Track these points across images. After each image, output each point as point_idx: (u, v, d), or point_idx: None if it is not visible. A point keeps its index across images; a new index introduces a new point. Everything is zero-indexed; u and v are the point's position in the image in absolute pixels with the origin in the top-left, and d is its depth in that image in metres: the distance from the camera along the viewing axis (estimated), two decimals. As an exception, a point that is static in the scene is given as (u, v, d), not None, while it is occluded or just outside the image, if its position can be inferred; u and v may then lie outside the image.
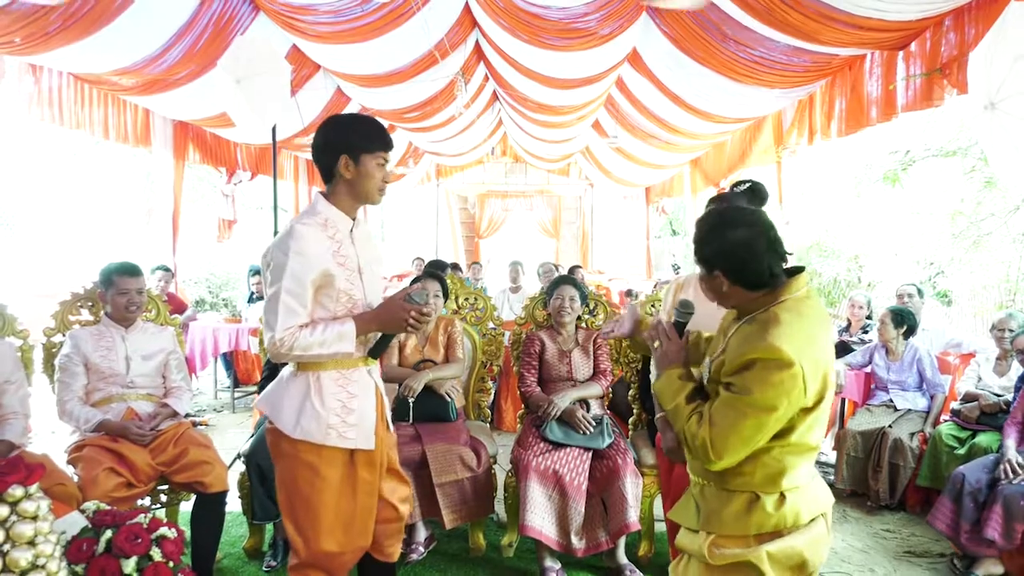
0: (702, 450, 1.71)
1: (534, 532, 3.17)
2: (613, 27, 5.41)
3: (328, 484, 2.15)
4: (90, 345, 3.20)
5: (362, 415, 2.20)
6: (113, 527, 1.65)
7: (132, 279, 3.27)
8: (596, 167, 12.00)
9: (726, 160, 8.42)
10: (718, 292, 1.82)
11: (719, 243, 1.76)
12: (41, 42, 4.33)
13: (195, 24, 5.03)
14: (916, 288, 5.29)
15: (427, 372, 3.60)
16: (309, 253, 2.07)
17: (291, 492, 2.18)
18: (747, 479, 1.76)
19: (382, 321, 2.20)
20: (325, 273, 2.10)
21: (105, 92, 5.94)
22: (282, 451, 2.17)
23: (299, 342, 2.04)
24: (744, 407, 1.66)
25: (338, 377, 2.17)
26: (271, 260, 2.09)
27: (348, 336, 2.10)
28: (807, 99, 5.93)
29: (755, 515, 1.75)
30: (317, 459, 2.14)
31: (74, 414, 3.07)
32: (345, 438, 2.16)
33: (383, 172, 2.20)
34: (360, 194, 2.19)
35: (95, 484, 2.79)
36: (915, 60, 4.37)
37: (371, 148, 2.16)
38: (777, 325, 1.67)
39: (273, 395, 2.21)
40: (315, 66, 6.50)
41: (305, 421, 2.12)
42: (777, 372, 1.63)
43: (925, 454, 4.16)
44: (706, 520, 1.83)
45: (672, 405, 1.83)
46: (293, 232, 2.07)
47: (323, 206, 2.19)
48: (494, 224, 15.29)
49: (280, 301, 2.04)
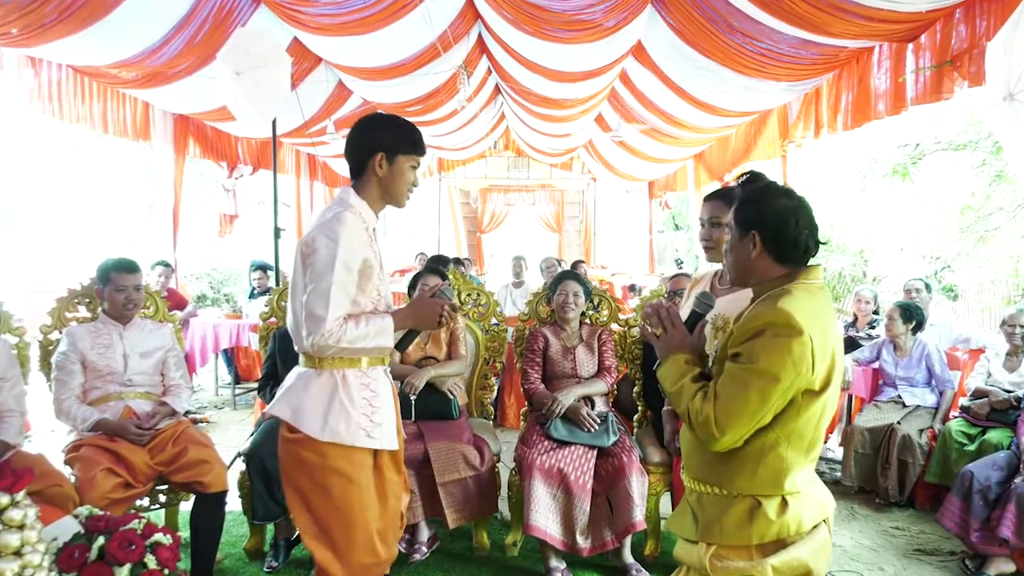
0: (705, 426, 1.66)
1: (539, 532, 3.12)
2: (618, 19, 5.33)
3: (363, 490, 2.08)
4: (87, 343, 3.15)
5: (386, 415, 2.16)
6: (106, 533, 1.59)
7: (130, 275, 3.22)
8: (599, 161, 11.93)
9: (730, 154, 8.34)
10: (745, 257, 1.77)
11: (763, 206, 1.74)
12: (38, 33, 4.27)
13: (195, 16, 4.96)
14: (924, 283, 5.23)
15: (429, 369, 3.55)
16: (355, 241, 2.04)
17: (321, 506, 2.07)
18: (748, 480, 1.70)
19: (417, 317, 2.19)
20: (367, 262, 2.07)
21: (105, 85, 5.88)
22: (306, 461, 2.06)
23: (347, 334, 1.99)
24: (750, 376, 1.62)
25: (361, 375, 2.12)
26: (316, 247, 2.01)
27: (388, 330, 2.09)
28: (813, 92, 5.85)
29: (757, 523, 1.69)
30: (348, 464, 2.06)
31: (71, 413, 3.03)
32: (372, 438, 2.10)
33: (414, 176, 2.20)
34: (389, 193, 2.18)
35: (92, 485, 2.75)
36: (925, 52, 4.31)
37: (407, 150, 2.15)
38: (789, 296, 1.66)
39: (292, 397, 2.10)
40: (316, 59, 6.43)
41: (334, 422, 2.04)
42: (786, 338, 1.59)
43: (934, 451, 4.11)
44: (705, 530, 1.76)
45: (676, 386, 1.77)
46: (342, 219, 2.03)
47: (355, 199, 2.16)
48: (496, 219, 15.23)
49: (332, 290, 1.98)
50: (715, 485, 1.77)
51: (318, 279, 1.99)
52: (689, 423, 1.72)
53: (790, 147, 6.57)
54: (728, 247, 1.84)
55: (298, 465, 2.08)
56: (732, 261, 1.83)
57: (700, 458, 1.82)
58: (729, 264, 1.85)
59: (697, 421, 1.68)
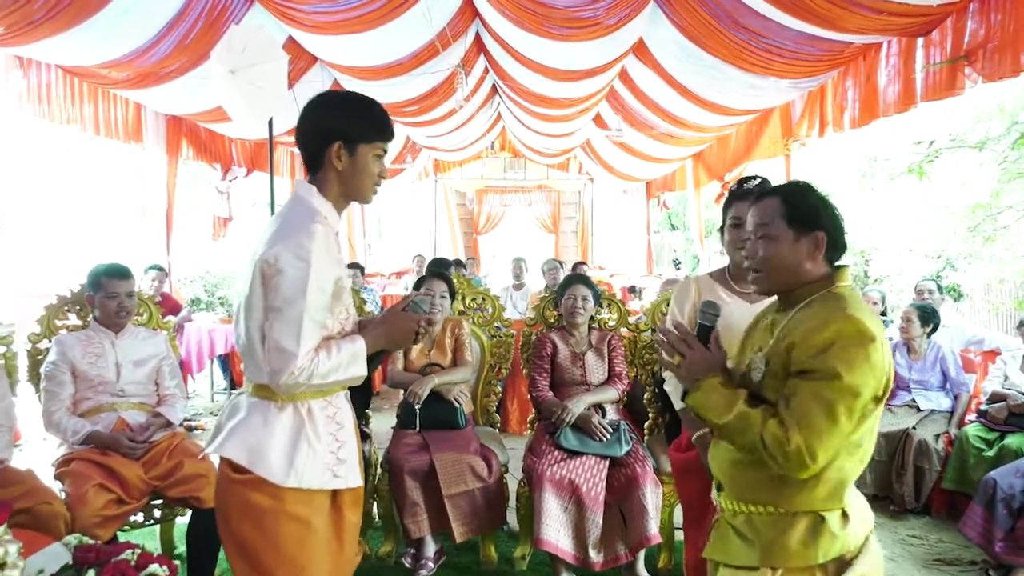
0: (796, 457, 1.50)
1: (550, 546, 3.00)
2: (620, 16, 5.23)
3: (320, 538, 1.79)
4: (78, 352, 3.02)
5: (351, 448, 1.87)
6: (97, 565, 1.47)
7: (122, 281, 3.09)
8: (597, 162, 11.83)
9: (731, 153, 8.26)
10: (798, 260, 1.67)
11: (827, 206, 1.69)
12: (25, 32, 4.13)
13: (187, 15, 4.83)
14: (936, 284, 5.13)
15: (433, 377, 3.43)
16: (326, 258, 1.72)
17: (269, 559, 1.74)
18: (808, 496, 1.59)
19: (390, 335, 1.88)
20: (339, 282, 1.77)
21: (96, 86, 5.74)
22: (254, 506, 1.72)
23: (319, 368, 1.68)
24: (834, 394, 1.49)
25: (326, 406, 1.82)
26: (282, 267, 1.67)
27: (361, 356, 1.78)
28: (818, 90, 5.76)
29: (822, 539, 1.58)
30: (307, 508, 1.76)
31: (61, 425, 2.90)
32: (338, 477, 1.80)
33: (380, 166, 1.85)
34: (352, 190, 1.85)
35: (84, 502, 2.62)
36: (936, 47, 4.21)
37: (370, 136, 1.82)
38: (850, 302, 1.58)
39: (248, 435, 1.75)
40: (312, 58, 6.30)
41: (300, 464, 1.72)
42: (862, 347, 1.50)
43: (951, 456, 4.01)
44: (766, 554, 1.62)
45: (730, 416, 1.60)
46: (313, 234, 1.70)
47: (319, 202, 1.81)
48: (492, 220, 15.13)
49: (304, 319, 1.66)
50: (769, 504, 1.65)
51: (287, 306, 1.66)
52: (768, 455, 1.54)
53: (794, 146, 6.48)
54: (769, 251, 1.70)
55: (243, 510, 1.74)
56: (776, 267, 1.70)
57: (748, 477, 1.69)
58: (768, 270, 1.71)
59: (781, 452, 1.52)
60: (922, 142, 5.74)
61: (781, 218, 1.69)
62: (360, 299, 3.76)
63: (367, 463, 3.32)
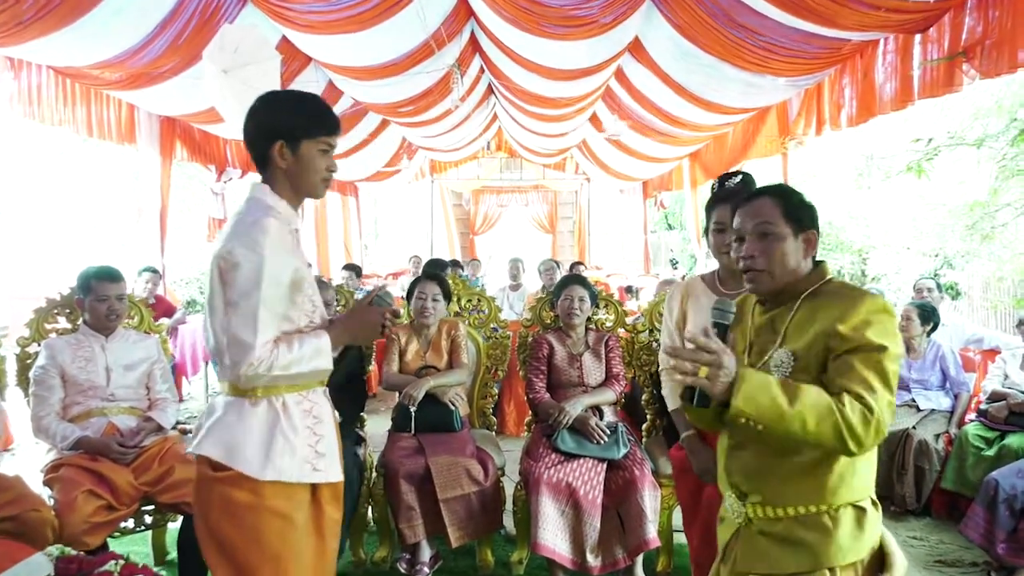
0: (877, 427, 1.48)
1: (547, 551, 2.96)
2: (616, 14, 5.19)
3: (301, 533, 1.80)
4: (67, 355, 2.98)
5: (329, 442, 1.89)
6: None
7: (112, 284, 3.05)
8: (593, 162, 11.79)
9: (727, 152, 8.22)
10: (796, 258, 1.70)
11: (810, 205, 1.74)
12: (15, 32, 4.08)
13: (179, 15, 4.78)
14: (936, 282, 5.10)
15: (428, 379, 3.39)
16: (281, 250, 1.75)
17: (251, 556, 1.75)
18: (848, 488, 1.58)
19: (354, 330, 1.93)
20: (298, 272, 1.80)
21: (88, 87, 5.69)
22: (237, 503, 1.73)
23: (279, 360, 1.71)
24: (888, 362, 1.53)
25: (302, 400, 1.84)
26: (236, 261, 1.70)
27: (325, 350, 1.82)
28: (815, 88, 5.73)
29: (867, 529, 1.58)
30: (287, 503, 1.77)
31: (50, 431, 2.86)
32: (318, 471, 1.82)
33: (328, 160, 1.88)
34: (299, 186, 1.87)
35: (73, 508, 2.58)
36: (933, 44, 4.18)
37: (313, 132, 1.83)
38: (849, 287, 1.67)
39: (224, 432, 1.77)
40: (306, 59, 6.26)
41: (278, 457, 1.74)
42: (891, 321, 1.58)
43: (950, 456, 3.98)
44: (817, 556, 1.56)
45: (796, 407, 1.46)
46: (264, 226, 1.73)
47: (273, 199, 1.85)
48: (489, 220, 15.09)
49: (259, 311, 1.69)
50: (811, 503, 1.59)
51: (242, 298, 1.70)
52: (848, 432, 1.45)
53: (791, 144, 6.44)
54: (775, 249, 1.68)
55: (223, 508, 1.75)
56: (783, 264, 1.68)
57: (780, 480, 1.63)
58: (774, 268, 1.68)
59: (865, 425, 1.46)
60: (920, 139, 5.71)
61: (781, 217, 1.68)
62: (355, 300, 3.72)
63: (361, 467, 3.27)
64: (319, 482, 1.84)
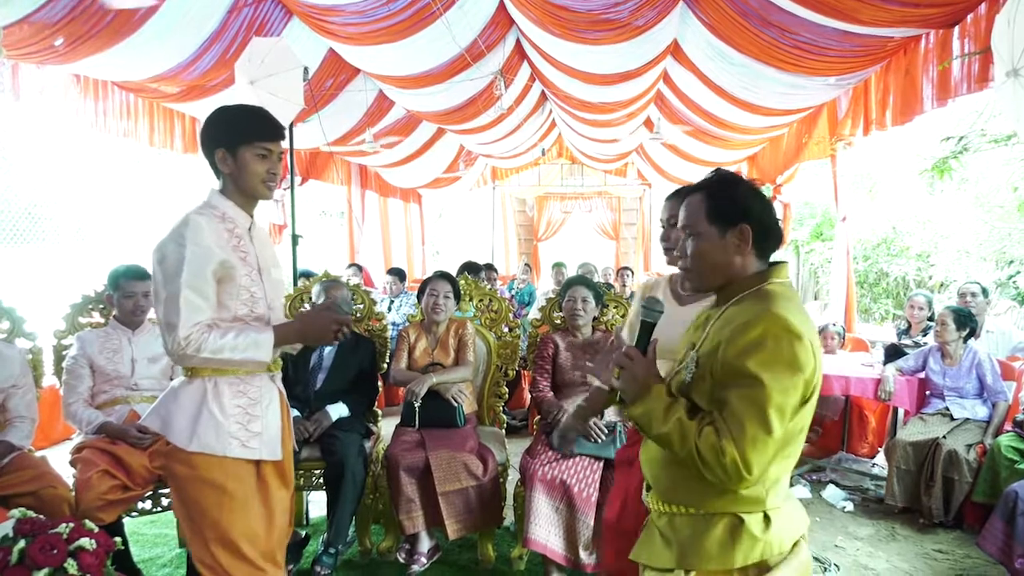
0: (732, 468, 1.43)
1: (538, 546, 3.01)
2: (648, 17, 5.19)
3: (238, 502, 1.96)
4: (96, 347, 3.22)
5: (267, 423, 2.04)
6: (29, 537, 1.58)
7: (138, 283, 3.28)
8: (651, 167, 11.70)
9: (781, 155, 8.05)
10: (725, 256, 1.61)
11: (746, 196, 1.62)
12: (73, 49, 4.41)
13: (227, 29, 5.06)
14: (980, 287, 4.87)
15: (431, 376, 3.48)
16: (207, 243, 1.92)
17: (197, 521, 1.95)
18: (730, 497, 1.54)
19: (305, 333, 2.07)
20: (225, 264, 1.95)
21: (149, 100, 6.08)
22: (177, 473, 1.95)
23: (208, 344, 1.88)
24: (764, 397, 1.43)
25: (237, 382, 2.01)
26: (165, 254, 1.91)
27: (265, 345, 1.96)
28: (862, 86, 5.56)
29: (741, 542, 1.52)
30: (221, 475, 1.94)
31: (77, 416, 3.10)
32: (248, 447, 1.98)
33: (268, 164, 2.04)
34: (244, 189, 2.06)
35: (88, 486, 2.79)
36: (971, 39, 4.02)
37: (247, 139, 2.01)
38: (776, 298, 1.52)
39: (162, 407, 2.01)
40: (354, 70, 6.50)
41: (202, 431, 1.93)
42: (789, 345, 1.45)
43: (982, 468, 3.80)
44: (682, 556, 1.57)
45: (668, 427, 1.53)
46: (188, 221, 1.93)
47: (218, 200, 2.06)
48: (552, 226, 15.12)
49: (181, 297, 1.87)
50: (690, 505, 1.60)
51: (167, 285, 1.89)
52: (704, 465, 1.48)
53: (839, 146, 6.26)
54: (695, 249, 1.64)
55: (173, 478, 1.99)
56: (705, 264, 1.64)
57: (671, 477, 1.65)
58: (699, 268, 1.65)
59: (718, 463, 1.45)
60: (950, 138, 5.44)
61: (703, 215, 1.62)
62: (370, 299, 3.85)
63: (367, 459, 3.39)
64: (253, 458, 2.00)
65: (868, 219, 9.69)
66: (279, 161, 2.07)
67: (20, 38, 4.07)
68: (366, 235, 10.99)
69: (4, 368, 2.98)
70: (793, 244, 10.76)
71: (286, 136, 2.15)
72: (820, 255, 10.76)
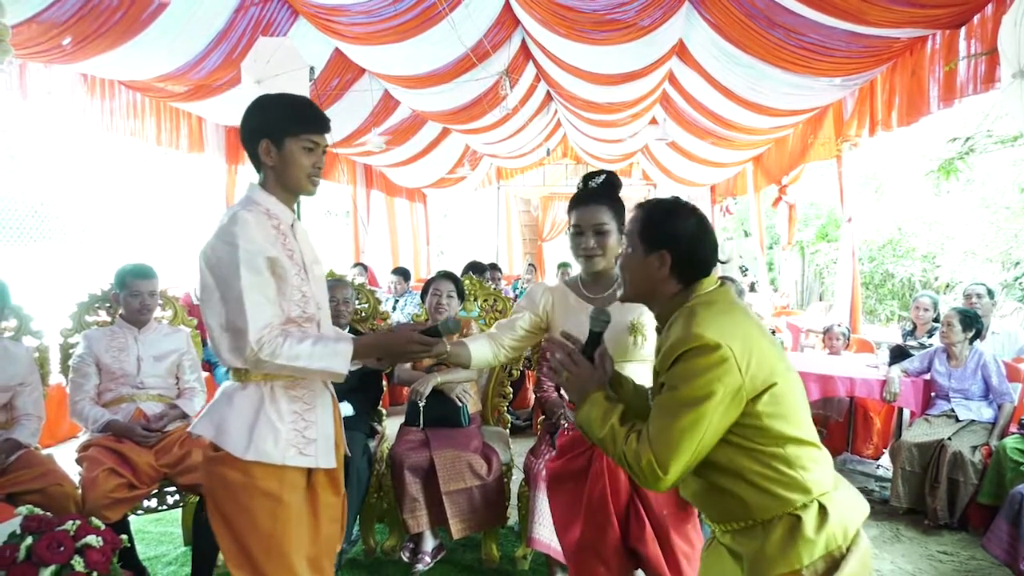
0: (648, 470, 1.50)
1: (542, 546, 3.01)
2: (653, 18, 5.20)
3: (294, 513, 1.88)
4: (102, 346, 3.23)
5: (322, 429, 1.95)
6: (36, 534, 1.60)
7: (144, 281, 3.29)
8: (656, 167, 11.70)
9: (787, 156, 8.04)
10: (649, 275, 1.67)
11: (675, 225, 1.66)
12: (81, 48, 4.43)
13: (233, 29, 5.08)
14: (986, 288, 4.85)
15: (436, 375, 3.49)
16: (259, 241, 1.82)
17: (247, 532, 1.85)
18: (773, 499, 1.53)
19: (386, 350, 1.98)
20: (277, 263, 1.86)
21: (156, 100, 6.10)
22: (229, 482, 1.84)
23: (284, 350, 1.78)
24: (677, 405, 1.50)
25: (292, 386, 1.92)
26: (217, 256, 1.80)
27: (343, 355, 1.85)
28: (868, 87, 5.56)
29: (802, 541, 1.50)
30: (278, 484, 1.85)
31: (84, 414, 3.11)
32: (305, 455, 1.89)
33: (314, 157, 1.94)
34: (287, 184, 1.95)
35: (94, 484, 2.80)
36: (977, 39, 4.01)
37: (295, 130, 1.90)
38: (694, 315, 1.57)
39: (215, 413, 1.90)
40: (359, 69, 6.51)
41: (259, 439, 1.83)
42: (704, 357, 1.49)
43: (988, 469, 3.79)
44: (752, 567, 1.56)
45: (604, 432, 1.60)
46: (237, 219, 1.82)
47: (261, 196, 1.95)
48: (557, 226, 15.12)
49: (246, 299, 1.76)
50: (742, 520, 1.59)
51: (228, 289, 1.79)
52: (630, 468, 1.56)
53: (845, 146, 6.25)
54: (624, 261, 1.73)
55: (222, 486, 1.86)
56: (632, 278, 1.72)
57: (714, 503, 1.65)
58: (627, 280, 1.73)
59: (638, 466, 1.53)
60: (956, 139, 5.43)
61: (636, 233, 1.69)
62: (375, 299, 3.86)
63: (371, 458, 3.40)
64: (308, 467, 1.91)
65: (874, 220, 9.69)
66: (324, 155, 1.99)
67: (28, 37, 4.09)
68: (372, 234, 11.03)
69: (11, 366, 3.00)
70: (799, 245, 10.74)
71: (332, 129, 2.06)
72: (826, 256, 10.75)
